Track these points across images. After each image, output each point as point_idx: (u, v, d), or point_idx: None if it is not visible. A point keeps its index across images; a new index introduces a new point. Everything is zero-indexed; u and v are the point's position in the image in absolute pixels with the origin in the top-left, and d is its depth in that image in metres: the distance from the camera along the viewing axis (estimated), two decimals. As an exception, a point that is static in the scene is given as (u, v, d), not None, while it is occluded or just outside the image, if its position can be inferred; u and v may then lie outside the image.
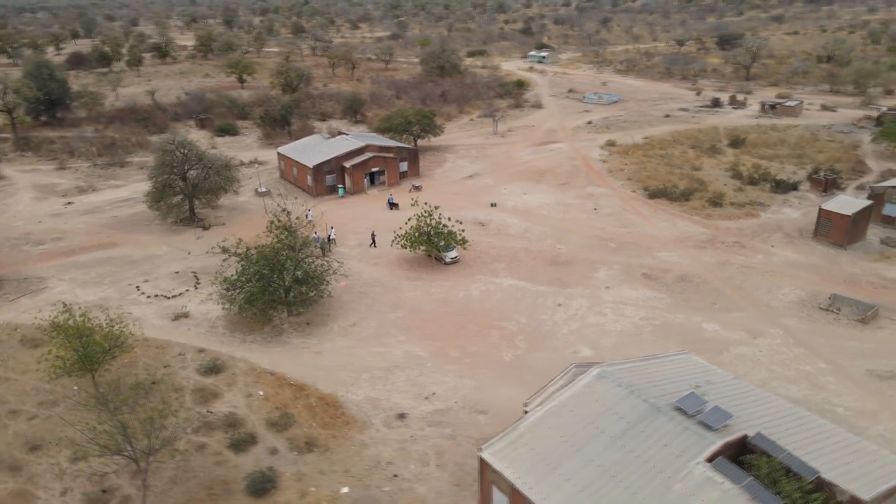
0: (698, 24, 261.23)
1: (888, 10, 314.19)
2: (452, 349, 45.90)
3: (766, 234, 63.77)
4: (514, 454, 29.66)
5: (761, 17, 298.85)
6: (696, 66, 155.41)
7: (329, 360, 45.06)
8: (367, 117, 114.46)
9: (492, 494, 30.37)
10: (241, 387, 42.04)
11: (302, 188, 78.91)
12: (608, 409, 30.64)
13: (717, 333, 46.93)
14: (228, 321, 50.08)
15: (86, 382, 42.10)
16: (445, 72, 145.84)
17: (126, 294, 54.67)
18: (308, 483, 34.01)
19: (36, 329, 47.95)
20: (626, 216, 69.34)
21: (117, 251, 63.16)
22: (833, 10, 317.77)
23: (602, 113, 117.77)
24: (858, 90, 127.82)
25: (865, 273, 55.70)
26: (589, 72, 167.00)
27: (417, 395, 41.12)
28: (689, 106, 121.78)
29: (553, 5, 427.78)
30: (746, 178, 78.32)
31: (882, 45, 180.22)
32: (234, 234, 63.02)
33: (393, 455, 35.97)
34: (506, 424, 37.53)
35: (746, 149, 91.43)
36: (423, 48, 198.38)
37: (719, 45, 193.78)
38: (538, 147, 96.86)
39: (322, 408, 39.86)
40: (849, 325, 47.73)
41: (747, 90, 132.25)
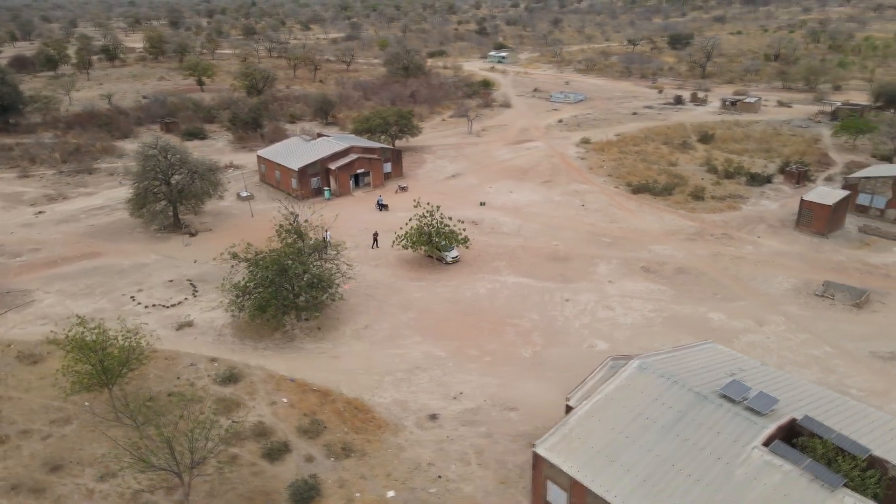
0: (646, 25, 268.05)
1: (821, 9, 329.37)
2: (470, 348, 45.93)
3: (751, 226, 66.03)
4: (569, 448, 29.95)
5: (703, 17, 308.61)
6: (653, 65, 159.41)
7: (348, 363, 44.45)
8: (339, 119, 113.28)
9: (546, 490, 30.58)
10: (263, 395, 41.06)
11: (286, 192, 77.50)
12: (655, 400, 31.23)
13: (724, 323, 48.35)
14: (236, 329, 48.83)
15: (98, 398, 40.37)
16: (410, 72, 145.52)
17: (121, 305, 52.64)
18: (351, 489, 33.50)
19: (41, 343, 45.85)
20: (614, 211, 70.69)
21: (102, 261, 60.73)
22: (770, 11, 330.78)
23: (571, 111, 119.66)
24: (809, 87, 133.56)
25: (850, 260, 58.30)
26: (550, 71, 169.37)
27: (445, 395, 40.99)
28: (653, 104, 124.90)
29: (502, 6, 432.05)
30: (722, 172, 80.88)
31: (822, 44, 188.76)
32: (223, 241, 61.53)
33: (432, 456, 35.77)
34: (538, 420, 38.02)
35: (716, 144, 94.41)
36: (382, 49, 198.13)
37: (671, 44, 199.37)
38: (515, 146, 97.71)
39: (351, 412, 39.30)
40: (844, 309, 49.89)
41: (705, 88, 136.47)
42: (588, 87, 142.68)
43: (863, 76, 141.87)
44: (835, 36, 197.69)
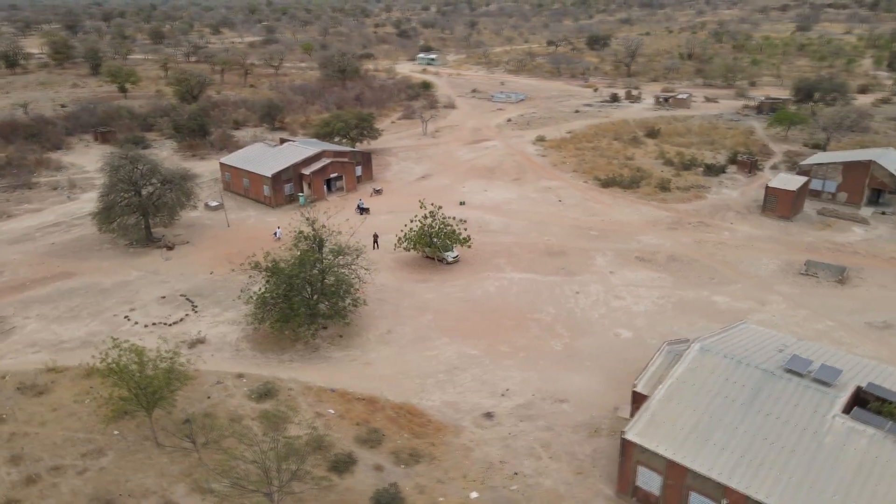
0: (560, 27, 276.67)
1: (713, 12, 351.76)
2: (501, 345, 46.16)
3: (721, 213, 69.87)
4: (658, 433, 30.84)
5: (610, 20, 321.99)
6: (581, 65, 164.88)
7: (383, 369, 43.60)
8: (286, 124, 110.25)
9: (636, 475, 31.32)
10: (306, 407, 39.63)
11: (257, 200, 74.67)
12: (727, 380, 32.67)
13: (729, 305, 51.02)
14: (253, 342, 46.79)
15: (126, 425, 37.64)
16: (346, 75, 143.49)
17: (117, 326, 49.18)
18: (433, 494, 33.00)
19: (40, 372, 42.24)
20: (592, 205, 72.85)
21: (78, 281, 56.44)
22: (668, 13, 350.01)
23: (516, 111, 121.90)
24: (727, 83, 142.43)
25: (818, 241, 62.89)
26: (481, 72, 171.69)
27: (492, 392, 41.04)
28: (591, 102, 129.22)
29: (413, 9, 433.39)
30: (679, 165, 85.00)
31: (726, 44, 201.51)
32: (204, 253, 58.89)
33: (501, 454, 35.79)
34: (591, 410, 38.88)
35: (663, 138, 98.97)
36: (307, 53, 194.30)
37: (589, 45, 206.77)
38: (473, 145, 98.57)
39: (405, 418, 38.63)
40: (829, 286, 53.84)
41: (635, 86, 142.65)
42: (524, 87, 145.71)
43: (770, 73, 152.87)
44: (734, 36, 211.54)
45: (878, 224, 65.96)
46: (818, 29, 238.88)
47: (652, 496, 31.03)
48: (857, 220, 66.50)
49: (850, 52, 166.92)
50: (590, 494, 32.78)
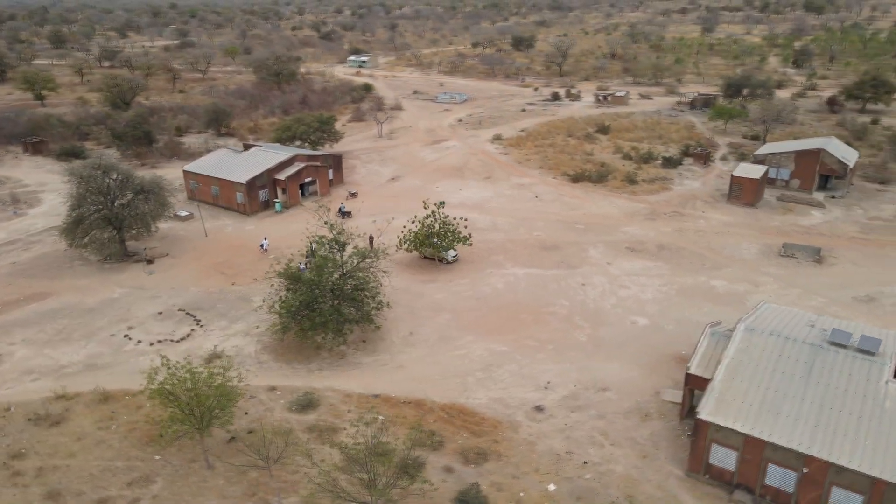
0: (478, 29, 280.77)
1: (620, 14, 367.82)
2: (526, 339, 46.56)
3: (690, 203, 73.29)
4: (730, 411, 32.14)
5: (524, 21, 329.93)
6: (514, 65, 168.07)
7: (418, 371, 43.01)
8: (233, 129, 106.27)
9: (710, 453, 32.49)
10: (353, 416, 38.52)
11: (229, 207, 71.57)
12: (780, 356, 34.48)
13: (727, 288, 53.67)
14: (274, 353, 44.96)
15: (167, 449, 35.34)
16: (282, 79, 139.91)
17: (119, 346, 45.95)
18: (512, 490, 32.93)
19: (48, 401, 38.86)
20: (568, 200, 74.60)
21: (58, 301, 52.28)
22: (578, 16, 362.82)
23: (462, 111, 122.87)
24: (655, 81, 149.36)
25: (785, 225, 67.18)
26: (415, 74, 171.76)
27: (535, 386, 41.36)
28: (533, 101, 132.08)
29: (325, 12, 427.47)
30: (637, 158, 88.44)
31: (642, 44, 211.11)
32: (189, 265, 56.15)
33: (564, 445, 36.16)
34: (635, 395, 40.00)
35: (614, 134, 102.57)
36: (231, 56, 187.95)
37: (514, 46, 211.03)
38: (433, 146, 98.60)
39: (458, 417, 38.28)
40: (809, 265, 57.66)
41: (570, 85, 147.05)
42: (463, 88, 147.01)
43: (692, 71, 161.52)
44: (648, 37, 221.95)
45: (832, 207, 71.19)
46: (721, 30, 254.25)
47: (726, 472, 32.30)
48: (814, 205, 71.52)
49: (759, 52, 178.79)
50: (661, 476, 33.71)
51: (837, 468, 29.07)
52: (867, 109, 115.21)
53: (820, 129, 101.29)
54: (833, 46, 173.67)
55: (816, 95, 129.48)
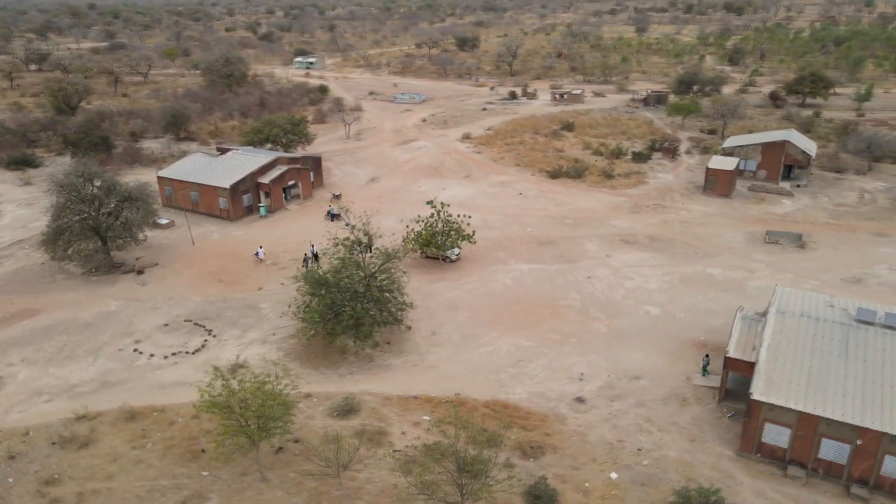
0: (417, 29, 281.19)
1: (553, 15, 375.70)
2: (549, 333, 47.06)
3: (668, 195, 75.73)
4: (780, 390, 33.50)
5: (461, 22, 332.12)
6: (466, 65, 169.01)
7: (450, 370, 42.81)
8: (192, 133, 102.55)
9: (763, 432, 33.74)
10: (397, 418, 37.99)
11: (211, 213, 68.98)
12: (815, 335, 36.21)
13: (726, 275, 55.78)
14: (300, 360, 43.77)
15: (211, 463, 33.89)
16: (234, 81, 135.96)
17: (131, 361, 43.66)
18: (575, 481, 33.26)
19: (69, 422, 36.58)
20: (551, 196, 75.71)
21: (49, 317, 49.16)
22: (513, 16, 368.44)
23: (423, 111, 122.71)
24: (604, 79, 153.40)
25: (761, 213, 70.36)
26: (366, 75, 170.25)
27: (569, 378, 41.86)
28: (492, 100, 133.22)
29: (255, 13, 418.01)
30: (608, 154, 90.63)
31: (584, 44, 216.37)
32: (183, 275, 54.11)
33: (614, 434, 36.76)
34: (668, 382, 41.16)
35: (579, 130, 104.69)
36: (171, 59, 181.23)
37: (459, 46, 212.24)
38: (403, 146, 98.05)
39: (505, 413, 38.31)
40: (793, 251, 60.62)
41: (524, 84, 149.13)
42: (418, 88, 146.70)
43: (638, 69, 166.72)
44: (587, 37, 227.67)
45: (799, 196, 75.06)
46: (653, 30, 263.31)
47: (779, 450, 33.64)
48: (783, 194, 75.23)
49: (695, 51, 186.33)
50: (713, 458, 34.78)
51: (891, 437, 30.77)
52: (807, 104, 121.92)
53: (769, 123, 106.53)
54: (762, 45, 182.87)
55: (757, 91, 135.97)
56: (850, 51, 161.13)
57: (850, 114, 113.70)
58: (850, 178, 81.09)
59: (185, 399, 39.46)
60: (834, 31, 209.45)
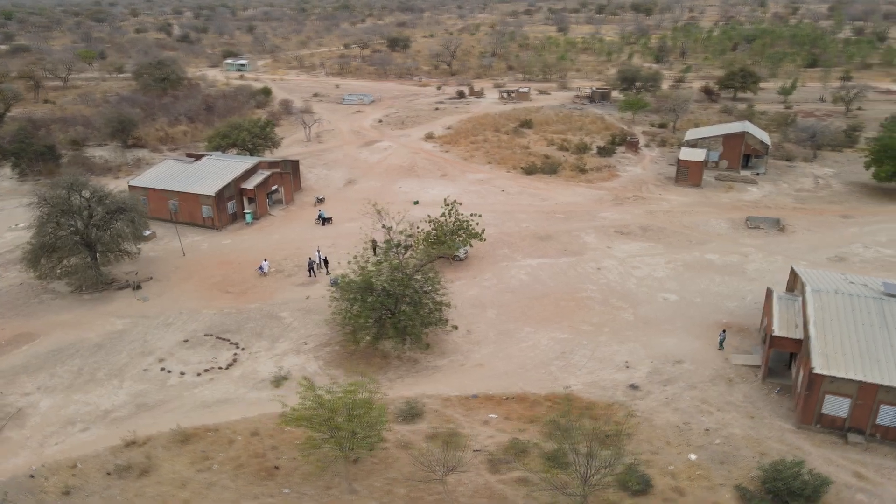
0: (342, 30, 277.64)
1: (471, 15, 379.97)
2: (581, 325, 47.86)
3: (644, 187, 78.53)
4: (837, 363, 35.58)
5: (381, 23, 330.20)
6: (406, 65, 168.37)
7: (498, 367, 42.79)
8: (140, 139, 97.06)
9: (822, 403, 35.73)
10: (464, 419, 37.62)
11: (193, 223, 65.51)
12: (853, 310, 38.72)
13: (724, 260, 58.49)
14: (343, 368, 42.48)
15: (290, 479, 32.46)
16: (169, 84, 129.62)
17: (163, 381, 41.00)
18: (659, 465, 34.04)
19: (119, 450, 33.98)
20: (533, 192, 76.82)
21: (52, 341, 45.36)
22: (433, 17, 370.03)
23: (376, 111, 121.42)
24: (544, 78, 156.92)
25: (733, 201, 74.18)
26: (303, 76, 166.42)
27: (616, 367, 42.76)
28: (440, 99, 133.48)
29: (161, 14, 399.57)
30: (573, 149, 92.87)
31: (513, 43, 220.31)
32: (186, 287, 51.80)
33: (678, 417, 37.86)
34: (709, 364, 42.94)
35: (537, 127, 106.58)
36: (87, 62, 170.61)
37: (390, 47, 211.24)
38: (368, 147, 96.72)
39: (570, 406, 38.62)
40: (776, 234, 64.31)
41: (466, 83, 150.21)
42: (360, 89, 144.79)
43: (571, 68, 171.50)
44: (513, 37, 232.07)
45: (762, 183, 79.70)
46: (573, 30, 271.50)
47: (838, 419, 35.72)
48: (748, 182, 79.64)
49: (624, 49, 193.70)
50: (776, 432, 36.51)
51: (945, 399, 33.43)
52: (738, 97, 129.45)
53: (710, 116, 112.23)
54: (683, 43, 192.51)
55: (688, 87, 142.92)
56: (765, 48, 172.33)
57: (779, 106, 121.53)
58: (800, 165, 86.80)
59: (235, 416, 37.55)
60: (742, 31, 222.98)
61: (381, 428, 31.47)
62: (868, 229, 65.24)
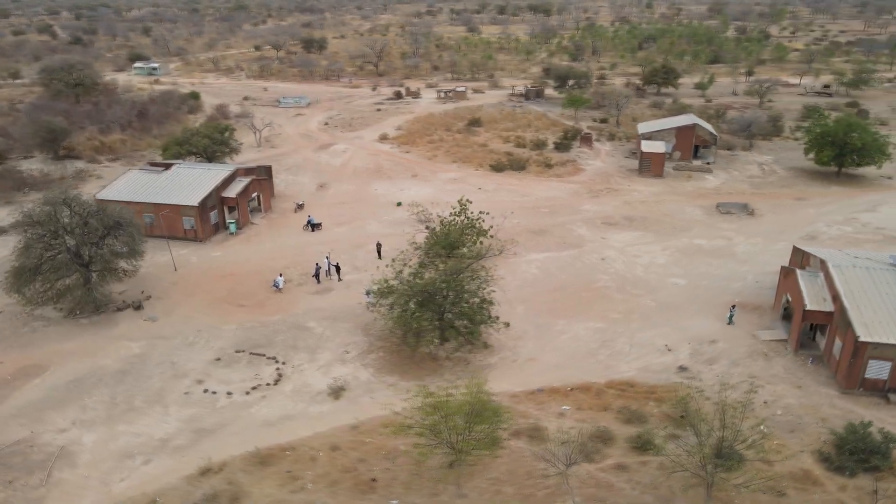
0: (244, 32, 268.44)
1: (376, 16, 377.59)
2: (609, 313, 49.21)
3: (612, 179, 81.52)
4: (878, 331, 38.74)
5: (283, 24, 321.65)
6: (333, 66, 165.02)
7: (550, 360, 43.34)
8: (72, 148, 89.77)
9: (866, 368, 38.79)
10: (538, 412, 37.83)
11: (173, 236, 61.30)
12: (873, 281, 42.28)
13: (712, 245, 61.83)
14: (398, 374, 41.62)
15: (393, 488, 31.51)
16: (84, 89, 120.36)
17: (211, 403, 38.41)
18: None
19: (192, 479, 31.62)
20: (510, 189, 77.87)
21: (67, 372, 41.27)
22: (335, 17, 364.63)
23: (318, 114, 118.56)
24: (472, 77, 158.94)
25: (697, 189, 78.52)
26: (224, 79, 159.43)
27: (658, 351, 44.35)
28: (379, 100, 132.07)
29: (33, 14, 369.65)
30: (531, 146, 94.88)
31: (430, 42, 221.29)
32: (194, 303, 49.37)
33: (736, 393, 39.60)
34: (739, 341, 45.57)
35: (487, 126, 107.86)
36: None
37: (305, 48, 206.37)
38: (324, 150, 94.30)
39: (632, 392, 39.74)
40: (748, 219, 68.65)
41: (399, 83, 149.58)
42: (293, 91, 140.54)
43: (494, 67, 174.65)
44: (428, 37, 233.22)
45: (717, 171, 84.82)
46: (482, 30, 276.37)
47: (879, 382, 38.90)
48: (704, 170, 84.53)
49: (541, 49, 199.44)
50: (825, 398, 39.25)
51: (974, 355, 37.23)
52: (661, 92, 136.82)
53: (643, 111, 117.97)
54: (596, 42, 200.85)
55: (611, 84, 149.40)
56: (672, 46, 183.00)
57: (700, 100, 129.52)
58: (741, 154, 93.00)
59: (305, 432, 35.88)
60: (643, 30, 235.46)
61: (504, 426, 31.12)
62: (823, 210, 71.09)
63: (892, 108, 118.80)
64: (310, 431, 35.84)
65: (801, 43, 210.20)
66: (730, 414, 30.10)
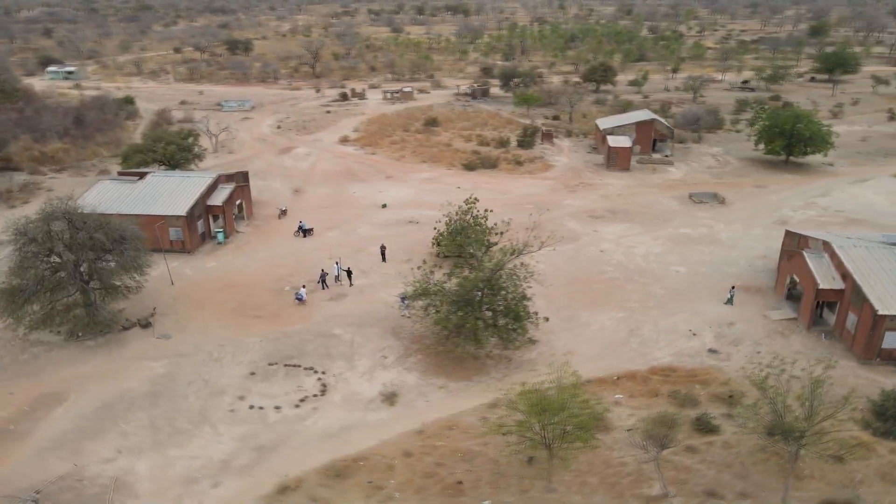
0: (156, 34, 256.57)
1: (291, 17, 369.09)
2: (625, 303, 50.57)
3: (582, 174, 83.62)
4: (891, 304, 41.77)
5: (195, 25, 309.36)
6: (269, 68, 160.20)
7: (587, 351, 44.09)
8: (11, 159, 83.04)
9: (883, 339, 41.77)
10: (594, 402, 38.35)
11: (157, 248, 57.65)
12: (875, 259, 45.59)
13: (697, 233, 64.60)
14: (445, 377, 41.26)
15: (480, 492, 31.30)
16: (4, 96, 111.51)
17: (261, 420, 36.66)
18: (784, 413, 37.61)
19: (272, 496, 30.21)
20: (488, 187, 78.26)
21: (91, 399, 38.22)
22: (249, 18, 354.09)
23: (266, 117, 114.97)
24: (412, 77, 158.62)
25: (664, 181, 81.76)
26: (151, 83, 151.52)
27: (685, 336, 46.00)
28: (325, 102, 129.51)
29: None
30: (494, 144, 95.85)
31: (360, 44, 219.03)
32: (204, 316, 47.49)
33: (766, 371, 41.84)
34: (754, 322, 47.82)
35: (445, 125, 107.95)
36: None
37: (230, 50, 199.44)
38: (286, 155, 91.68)
39: (675, 376, 41.03)
40: (720, 207, 72.16)
41: (339, 84, 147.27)
42: (230, 94, 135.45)
43: (432, 67, 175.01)
44: (356, 38, 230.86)
45: (677, 164, 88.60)
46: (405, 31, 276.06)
47: (895, 351, 42.00)
48: (665, 163, 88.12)
49: (471, 49, 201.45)
50: (848, 370, 41.92)
51: (977, 321, 40.84)
52: (600, 90, 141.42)
53: (589, 108, 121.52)
54: (524, 42, 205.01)
55: (549, 82, 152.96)
56: (599, 45, 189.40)
57: (637, 96, 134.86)
58: (693, 146, 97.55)
59: (371, 441, 34.98)
60: (566, 30, 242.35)
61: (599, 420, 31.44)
62: (783, 196, 75.75)
63: (811, 100, 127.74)
64: (375, 440, 34.89)
65: (710, 41, 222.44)
66: (808, 391, 31.34)
